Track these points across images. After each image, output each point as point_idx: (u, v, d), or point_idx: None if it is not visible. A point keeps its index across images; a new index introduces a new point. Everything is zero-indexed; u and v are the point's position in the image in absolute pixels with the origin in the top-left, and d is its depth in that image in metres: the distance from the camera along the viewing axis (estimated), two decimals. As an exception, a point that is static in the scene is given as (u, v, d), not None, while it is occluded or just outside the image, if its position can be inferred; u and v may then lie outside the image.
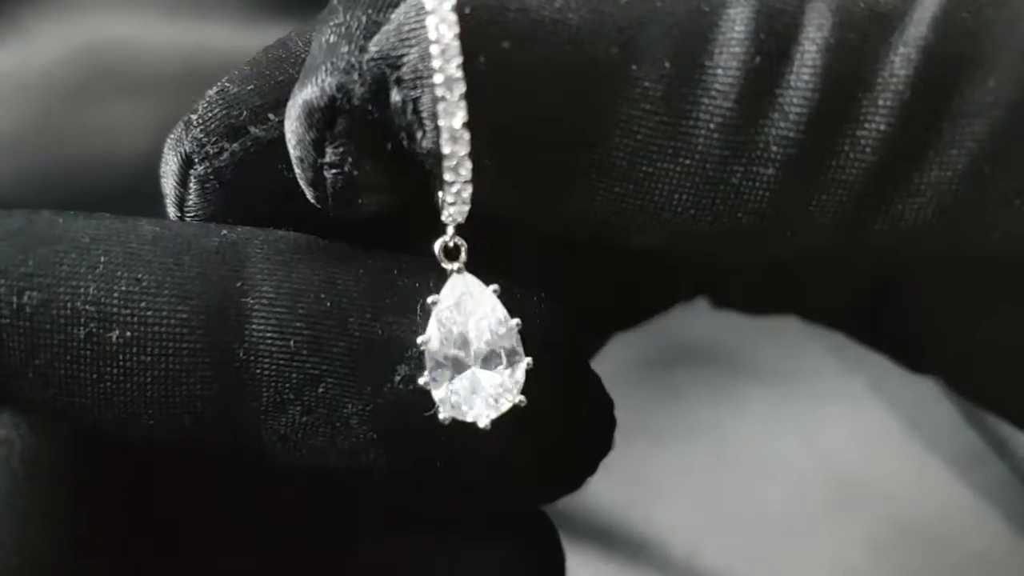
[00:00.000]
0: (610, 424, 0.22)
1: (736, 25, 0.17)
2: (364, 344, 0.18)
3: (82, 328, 0.18)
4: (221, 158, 0.19)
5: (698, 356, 0.48)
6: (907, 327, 0.21)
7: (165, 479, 0.20)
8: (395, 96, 0.17)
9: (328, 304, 0.18)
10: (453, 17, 0.17)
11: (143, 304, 0.18)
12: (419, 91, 0.17)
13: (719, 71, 0.17)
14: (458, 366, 0.19)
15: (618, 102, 0.17)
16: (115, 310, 0.18)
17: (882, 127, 0.17)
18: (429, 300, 0.19)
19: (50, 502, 0.17)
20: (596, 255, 0.23)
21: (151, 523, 0.20)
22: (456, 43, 0.17)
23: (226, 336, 0.18)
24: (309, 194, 0.19)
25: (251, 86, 0.19)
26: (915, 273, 0.23)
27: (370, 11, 0.18)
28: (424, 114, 0.17)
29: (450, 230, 0.19)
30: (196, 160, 0.19)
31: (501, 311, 0.19)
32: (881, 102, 0.17)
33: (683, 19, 0.17)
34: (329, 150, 0.18)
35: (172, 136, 0.20)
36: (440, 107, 0.17)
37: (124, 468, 0.19)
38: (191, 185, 0.19)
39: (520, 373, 0.19)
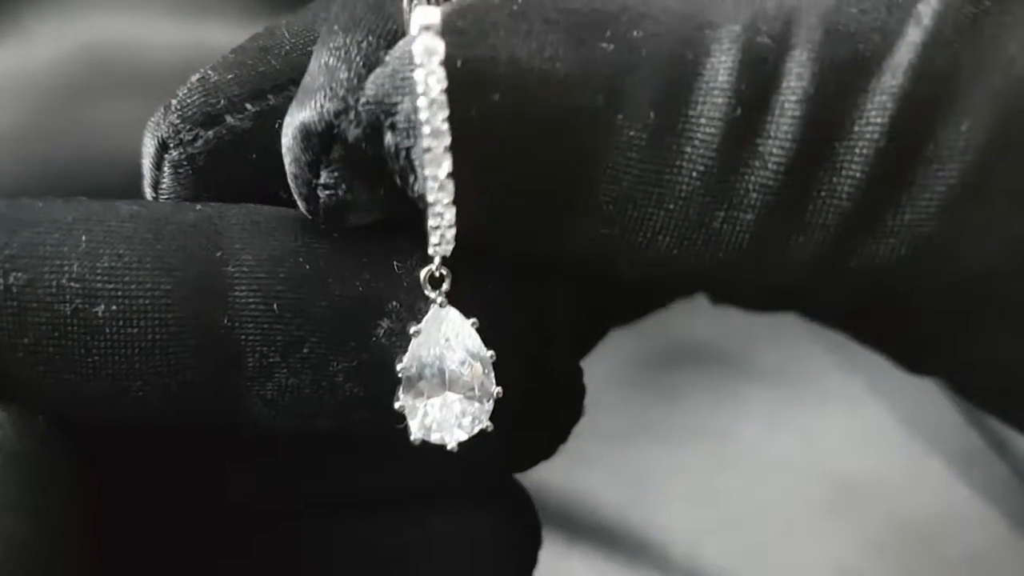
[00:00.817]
0: (580, 391, 0.22)
1: (719, 75, 0.18)
2: (345, 302, 0.19)
3: (68, 305, 0.18)
4: (195, 145, 0.20)
5: (698, 356, 0.48)
6: (907, 327, 0.21)
7: (142, 471, 0.21)
8: (389, 140, 0.18)
9: (307, 267, 0.19)
10: (441, 72, 0.17)
11: (127, 278, 0.18)
12: (411, 140, 0.18)
13: (702, 120, 0.18)
14: (432, 392, 0.20)
15: (604, 150, 0.18)
16: (99, 285, 0.18)
17: (857, 175, 0.18)
18: (411, 330, 0.19)
19: (29, 493, 0.17)
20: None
21: (129, 518, 0.20)
22: (443, 97, 0.17)
23: (210, 304, 0.18)
24: (301, 206, 0.19)
25: (231, 75, 0.20)
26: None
27: (370, 37, 0.18)
28: (416, 161, 0.18)
29: (436, 260, 0.19)
30: (171, 145, 0.20)
31: (477, 345, 0.20)
32: (857, 150, 0.18)
33: (667, 68, 0.18)
34: (324, 173, 0.18)
35: (152, 119, 0.20)
36: (427, 157, 0.17)
37: (102, 461, 0.19)
38: (165, 169, 0.20)
39: (490, 403, 0.20)
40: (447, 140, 0.17)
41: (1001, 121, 0.18)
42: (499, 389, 0.20)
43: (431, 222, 0.18)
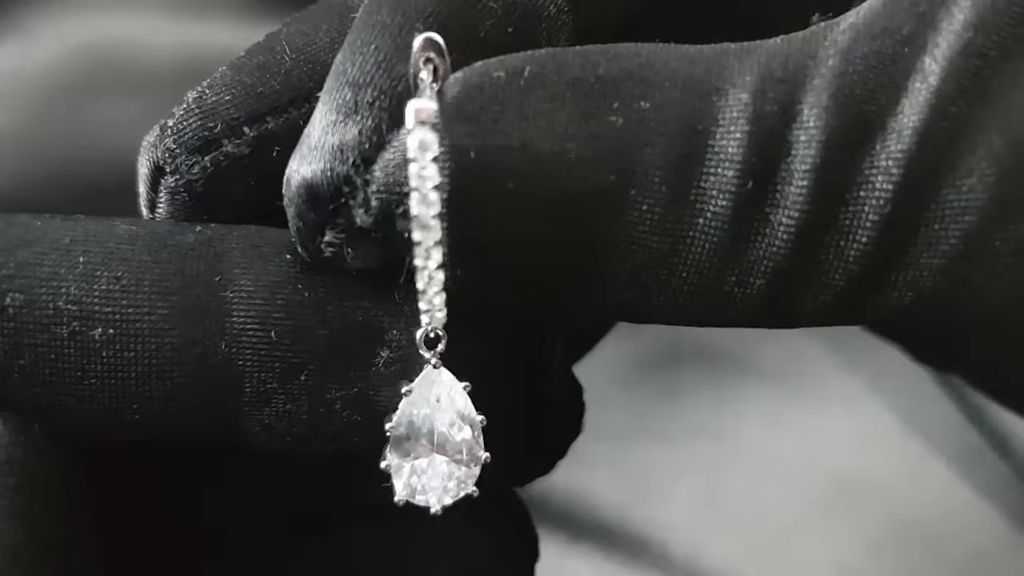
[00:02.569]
0: (579, 409, 0.22)
1: (728, 147, 0.17)
2: (344, 331, 0.19)
3: (65, 327, 0.18)
4: (192, 172, 0.19)
5: (698, 356, 0.48)
6: (919, 335, 0.21)
7: (136, 481, 0.21)
8: (400, 225, 0.18)
9: (306, 294, 0.19)
10: (433, 168, 0.17)
11: (124, 302, 0.18)
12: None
13: (713, 192, 0.18)
14: (420, 453, 0.19)
15: (618, 225, 0.18)
16: (97, 308, 0.18)
17: (864, 239, 0.18)
18: (403, 390, 0.19)
19: (24, 501, 0.17)
20: None
21: (122, 525, 0.20)
22: (434, 195, 0.17)
23: (207, 330, 0.18)
24: (301, 251, 0.19)
25: (229, 96, 0.19)
26: None
27: (381, 98, 0.18)
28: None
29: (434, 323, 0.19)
30: (168, 170, 0.19)
31: (469, 409, 0.19)
32: (864, 216, 0.18)
33: (677, 141, 0.17)
34: (330, 234, 0.18)
35: (148, 139, 0.20)
36: (416, 250, 0.17)
37: (96, 470, 0.19)
38: (162, 193, 0.20)
39: (477, 468, 0.20)
40: (437, 235, 0.17)
41: (1002, 180, 0.18)
42: (487, 455, 0.20)
43: (422, 306, 0.18)
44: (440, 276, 0.18)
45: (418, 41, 0.17)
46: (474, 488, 0.20)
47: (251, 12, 0.46)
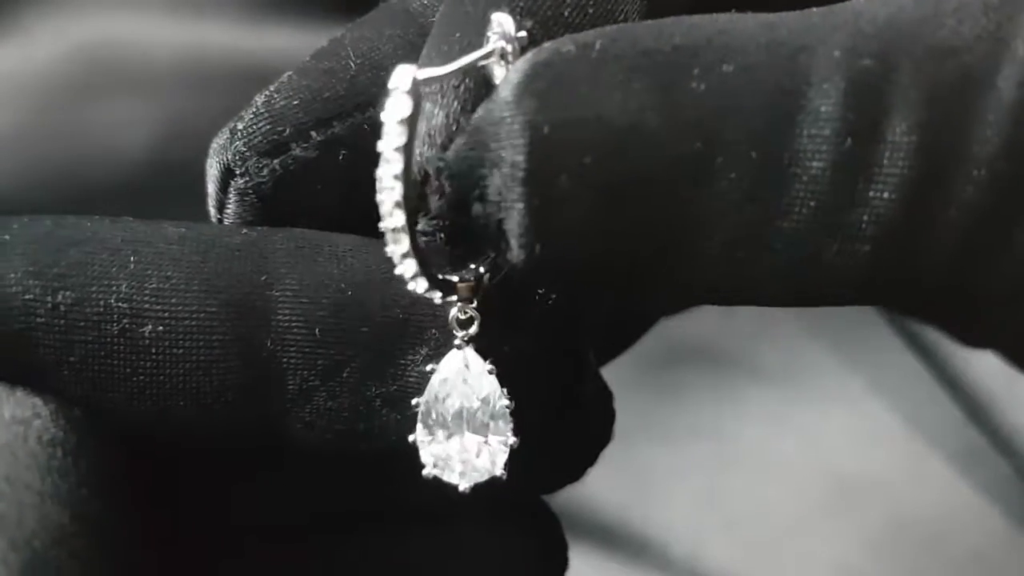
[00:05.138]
0: (609, 416, 0.22)
1: (822, 106, 0.17)
2: (385, 328, 0.19)
3: (115, 324, 0.18)
4: (262, 174, 0.20)
5: (699, 356, 0.48)
6: (963, 305, 0.21)
7: (173, 470, 0.21)
8: (477, 210, 0.17)
9: (349, 293, 0.19)
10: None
11: (174, 300, 0.18)
12: (503, 212, 0.17)
13: (809, 154, 0.17)
14: (447, 432, 0.20)
15: (705, 196, 0.17)
16: (147, 306, 0.18)
17: (977, 199, 0.17)
18: (428, 368, 0.19)
19: (68, 483, 0.17)
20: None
21: (160, 510, 0.20)
22: (397, 156, 0.17)
23: (253, 327, 0.19)
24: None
25: (296, 100, 0.20)
26: None
27: (467, 80, 0.18)
28: (508, 231, 0.17)
29: (461, 303, 0.19)
30: (237, 172, 0.20)
31: (495, 391, 0.20)
32: (975, 172, 0.17)
33: (765, 103, 0.17)
34: (422, 221, 0.18)
35: (217, 141, 0.20)
36: (389, 232, 0.17)
37: (132, 456, 0.19)
38: (231, 195, 0.20)
39: (504, 451, 0.20)
40: (399, 193, 0.17)
41: None
42: (515, 439, 0.20)
43: (397, 270, 0.18)
44: (405, 239, 0.17)
45: (493, 20, 0.18)
46: (503, 471, 0.20)
47: (251, 12, 0.46)
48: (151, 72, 0.45)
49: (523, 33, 0.18)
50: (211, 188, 0.20)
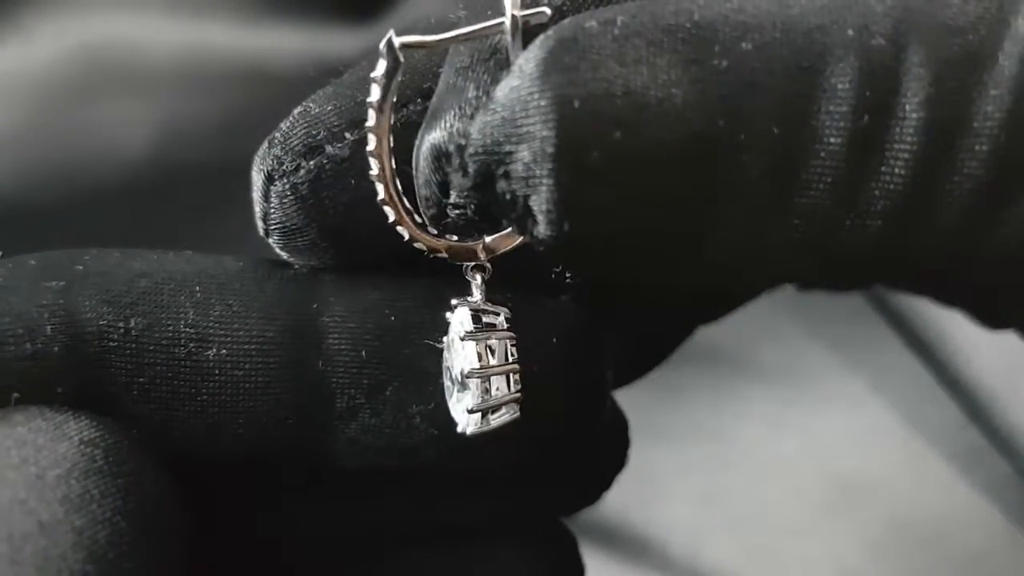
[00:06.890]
0: (624, 443, 0.23)
1: (839, 83, 0.17)
2: (425, 350, 0.21)
3: (183, 348, 0.20)
4: (298, 175, 0.20)
5: (699, 356, 0.48)
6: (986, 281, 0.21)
7: (215, 489, 0.22)
8: (502, 187, 0.18)
9: (392, 318, 0.21)
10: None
11: (235, 325, 0.20)
12: (530, 188, 0.17)
13: (827, 130, 0.17)
14: (462, 387, 0.20)
15: (727, 171, 0.17)
16: (211, 331, 0.20)
17: (979, 172, 0.17)
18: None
19: (135, 500, 0.18)
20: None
21: (212, 526, 0.22)
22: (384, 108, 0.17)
23: (306, 350, 0.20)
24: (429, 224, 0.20)
25: (331, 106, 0.20)
26: None
27: (497, 55, 0.18)
28: (535, 208, 0.17)
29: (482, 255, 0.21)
30: (276, 177, 0.20)
31: (501, 346, 0.20)
32: (977, 147, 0.17)
33: (784, 80, 0.17)
34: (454, 193, 0.18)
35: (258, 155, 0.21)
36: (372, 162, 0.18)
37: (189, 474, 0.21)
38: (272, 200, 0.21)
39: (508, 404, 0.20)
40: (386, 145, 0.18)
41: None
42: (516, 413, 0.20)
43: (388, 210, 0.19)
44: (382, 189, 0.19)
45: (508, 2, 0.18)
46: (511, 413, 0.20)
47: (251, 12, 0.46)
48: (151, 72, 0.45)
49: (546, 9, 0.18)
50: (256, 197, 0.21)
